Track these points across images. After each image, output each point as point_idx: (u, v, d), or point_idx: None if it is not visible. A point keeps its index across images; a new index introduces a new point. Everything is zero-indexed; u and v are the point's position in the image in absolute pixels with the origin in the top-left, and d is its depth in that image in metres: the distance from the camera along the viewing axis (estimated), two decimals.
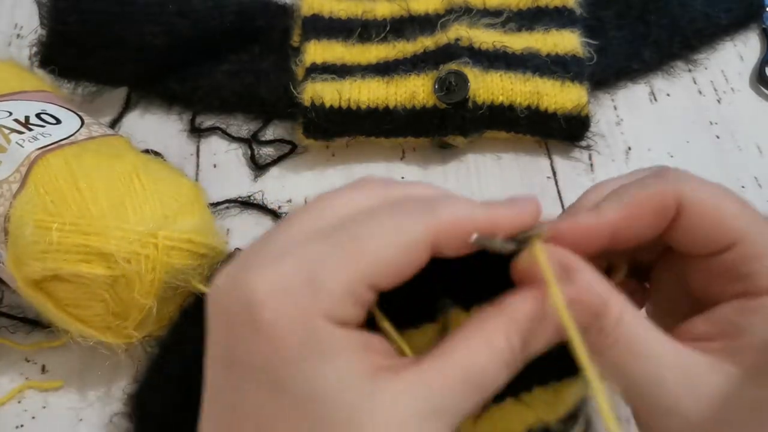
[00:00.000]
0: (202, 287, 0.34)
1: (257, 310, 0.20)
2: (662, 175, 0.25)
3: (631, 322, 0.23)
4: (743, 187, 0.45)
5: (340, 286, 0.21)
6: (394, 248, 0.21)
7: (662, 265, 0.28)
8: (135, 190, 0.35)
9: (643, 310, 0.30)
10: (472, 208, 0.23)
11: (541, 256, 0.23)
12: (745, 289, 0.24)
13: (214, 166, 0.46)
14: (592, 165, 0.46)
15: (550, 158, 0.47)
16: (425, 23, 0.47)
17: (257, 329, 0.20)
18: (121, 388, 0.38)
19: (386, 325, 0.24)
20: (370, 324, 0.24)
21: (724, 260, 0.25)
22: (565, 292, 0.22)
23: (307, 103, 0.44)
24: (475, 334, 0.22)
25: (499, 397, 0.25)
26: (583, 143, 0.46)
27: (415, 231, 0.21)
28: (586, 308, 0.23)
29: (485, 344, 0.22)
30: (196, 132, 0.48)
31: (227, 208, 0.44)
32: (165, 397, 0.32)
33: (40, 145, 0.36)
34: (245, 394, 0.21)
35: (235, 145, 0.47)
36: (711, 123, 0.48)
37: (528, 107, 0.44)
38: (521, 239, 0.24)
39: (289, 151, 0.46)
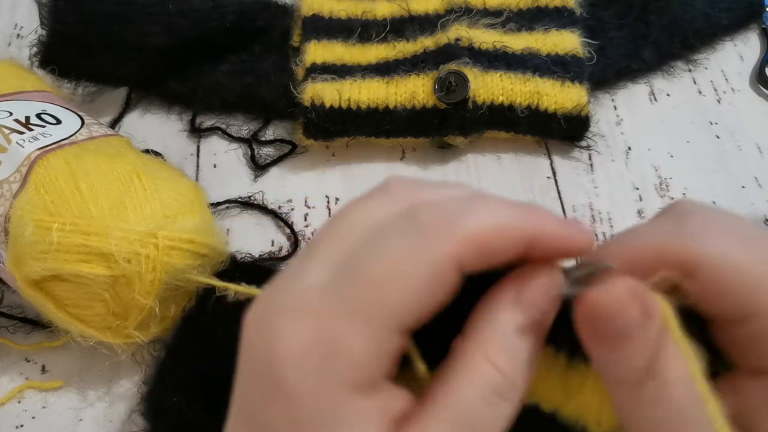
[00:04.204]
0: (204, 279, 0.34)
1: (277, 371, 0.19)
2: (681, 223, 0.22)
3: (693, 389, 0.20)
4: (743, 187, 0.45)
5: (361, 349, 0.19)
6: (414, 287, 0.19)
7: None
8: (135, 190, 0.35)
9: None
10: (506, 212, 0.20)
11: (675, 328, 0.20)
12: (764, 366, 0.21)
13: (214, 166, 0.46)
14: (592, 165, 0.46)
15: (550, 158, 0.47)
16: (425, 23, 0.47)
17: (276, 390, 0.20)
18: (121, 388, 0.38)
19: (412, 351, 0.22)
20: None
21: (743, 332, 0.21)
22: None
23: (307, 103, 0.44)
24: (457, 370, 0.20)
25: None
26: (583, 143, 0.46)
27: (434, 259, 0.19)
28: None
29: (468, 379, 0.20)
30: (196, 132, 0.48)
31: (227, 208, 0.44)
32: (173, 399, 0.32)
33: (41, 145, 0.36)
34: None
35: (235, 145, 0.47)
36: (711, 123, 0.48)
37: (528, 107, 0.44)
38: (581, 275, 0.21)
39: (289, 151, 0.46)
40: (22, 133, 0.37)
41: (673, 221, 0.22)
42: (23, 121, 0.37)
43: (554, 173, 0.46)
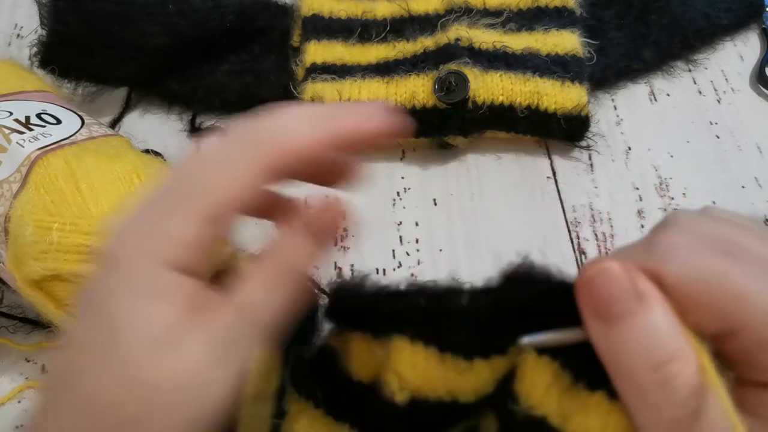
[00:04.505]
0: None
1: (113, 249, 0.23)
2: (652, 240, 0.22)
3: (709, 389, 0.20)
4: (743, 187, 0.45)
5: (177, 228, 0.22)
6: (225, 182, 0.23)
7: None
8: (135, 190, 0.35)
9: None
10: (309, 122, 0.24)
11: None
12: (765, 380, 0.21)
13: None
14: (592, 165, 0.46)
15: (550, 158, 0.47)
16: (425, 23, 0.47)
17: (112, 263, 0.23)
18: None
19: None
20: None
21: (733, 346, 0.21)
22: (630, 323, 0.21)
23: None
24: (251, 275, 0.24)
25: None
26: (583, 143, 0.46)
27: (244, 165, 0.23)
28: (649, 349, 0.20)
29: (257, 281, 0.24)
30: (196, 132, 0.48)
31: None
32: None
33: (41, 145, 0.36)
34: (77, 324, 0.23)
35: None
36: (711, 123, 0.48)
37: (528, 107, 0.44)
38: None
39: None
40: (22, 133, 0.37)
41: (647, 239, 0.23)
42: (23, 121, 0.37)
43: (554, 173, 0.46)
